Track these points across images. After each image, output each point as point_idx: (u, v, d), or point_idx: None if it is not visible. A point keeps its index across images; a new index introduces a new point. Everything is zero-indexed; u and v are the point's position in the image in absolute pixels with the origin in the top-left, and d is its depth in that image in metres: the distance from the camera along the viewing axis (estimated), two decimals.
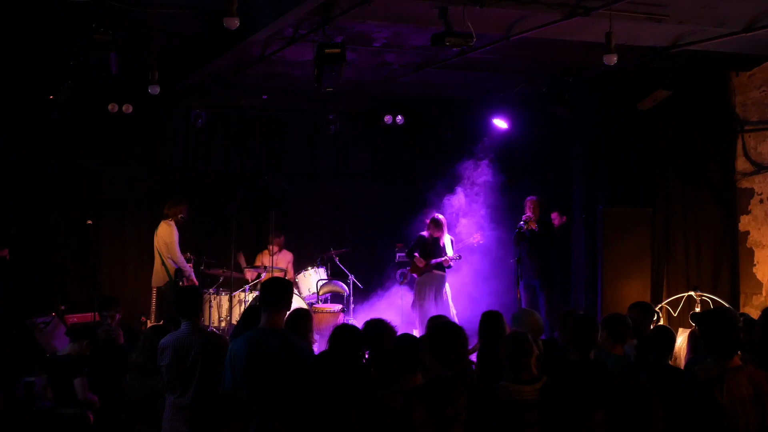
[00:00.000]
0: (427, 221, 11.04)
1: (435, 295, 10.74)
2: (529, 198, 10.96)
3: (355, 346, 5.33)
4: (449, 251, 10.82)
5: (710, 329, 4.49)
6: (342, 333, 5.42)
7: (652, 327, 6.24)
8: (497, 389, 4.67)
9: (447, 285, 10.92)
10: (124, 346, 7.15)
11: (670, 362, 5.60)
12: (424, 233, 10.95)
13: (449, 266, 10.83)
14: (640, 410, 3.67)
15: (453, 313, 10.56)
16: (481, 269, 11.74)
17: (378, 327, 5.51)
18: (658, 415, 3.70)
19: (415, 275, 10.94)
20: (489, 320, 6.17)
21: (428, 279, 10.79)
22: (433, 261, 10.72)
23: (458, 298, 11.10)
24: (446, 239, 10.94)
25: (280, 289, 5.06)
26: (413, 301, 10.92)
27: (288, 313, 5.69)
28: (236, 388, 4.84)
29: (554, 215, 11.14)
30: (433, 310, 10.47)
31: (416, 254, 10.81)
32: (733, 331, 4.42)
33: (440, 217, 10.93)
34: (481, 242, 11.09)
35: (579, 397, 3.95)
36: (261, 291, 5.15)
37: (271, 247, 11.20)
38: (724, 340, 4.41)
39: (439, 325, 5.39)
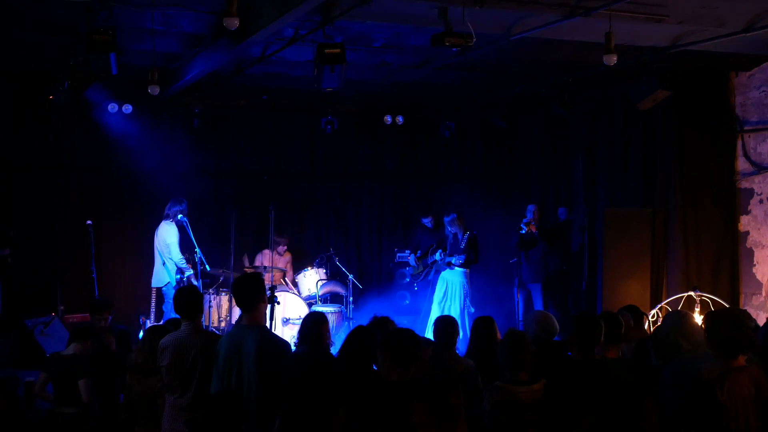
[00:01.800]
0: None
1: (460, 293, 10.75)
2: (530, 203, 10.98)
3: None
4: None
5: (716, 328, 4.47)
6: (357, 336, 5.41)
7: (646, 329, 6.24)
8: (493, 389, 4.66)
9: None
10: (116, 352, 7.14)
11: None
12: (450, 230, 10.78)
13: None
14: (634, 412, 3.66)
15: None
16: (480, 270, 11.73)
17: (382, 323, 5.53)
18: (652, 416, 3.70)
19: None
20: (480, 325, 6.16)
21: (452, 276, 10.79)
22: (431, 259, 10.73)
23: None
24: (461, 236, 10.87)
25: (251, 285, 5.07)
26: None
27: (303, 318, 5.71)
28: (221, 385, 4.87)
29: (562, 210, 11.15)
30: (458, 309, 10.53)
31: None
32: (739, 331, 4.41)
33: (452, 215, 10.83)
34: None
35: (576, 398, 3.95)
36: (232, 291, 5.16)
37: (279, 248, 11.21)
38: (729, 340, 4.39)
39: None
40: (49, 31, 8.06)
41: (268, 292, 9.48)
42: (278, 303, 9.58)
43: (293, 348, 5.94)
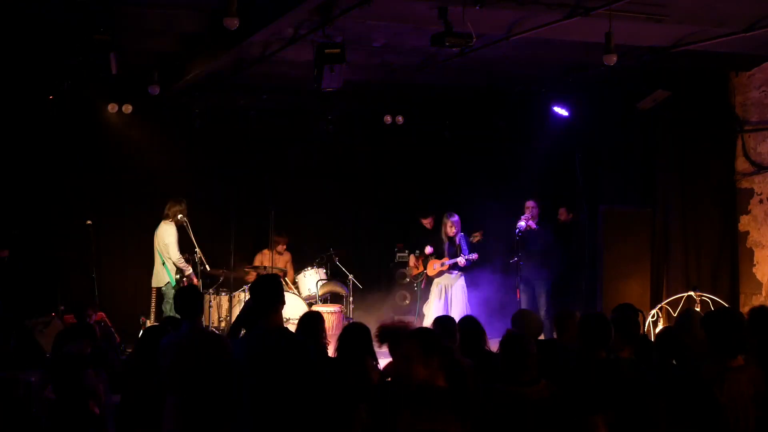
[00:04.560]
0: (429, 217, 10.91)
1: (460, 297, 10.65)
2: (528, 199, 10.96)
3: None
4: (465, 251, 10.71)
5: (714, 328, 4.48)
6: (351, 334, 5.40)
7: (642, 329, 6.24)
8: (495, 391, 4.63)
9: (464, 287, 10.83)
10: (101, 346, 7.17)
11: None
12: (449, 231, 10.72)
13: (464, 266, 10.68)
14: (646, 412, 3.66)
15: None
16: (480, 269, 11.74)
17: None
18: (662, 417, 3.70)
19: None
20: (466, 324, 6.11)
21: (448, 280, 10.71)
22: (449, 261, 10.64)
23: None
24: (459, 238, 10.80)
25: (272, 286, 5.00)
26: (428, 302, 10.78)
27: (299, 317, 5.70)
28: (240, 391, 4.84)
29: (562, 210, 11.14)
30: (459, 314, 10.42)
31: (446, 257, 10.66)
32: (736, 330, 4.41)
33: (454, 216, 10.77)
34: (481, 240, 11.05)
35: (585, 398, 3.94)
36: (252, 291, 5.09)
37: (279, 247, 11.21)
38: (727, 339, 4.39)
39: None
40: (49, 30, 8.06)
41: None
42: None
43: None
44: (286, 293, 10.60)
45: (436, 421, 3.80)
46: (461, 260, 10.49)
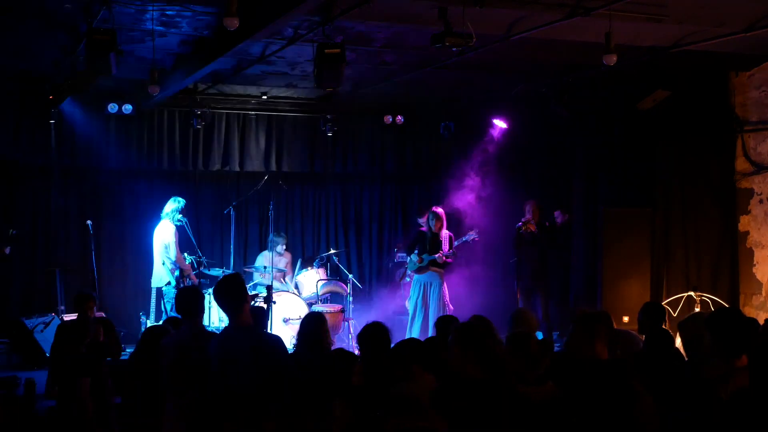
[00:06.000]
0: (425, 215, 10.88)
1: (438, 294, 10.51)
2: (528, 200, 10.95)
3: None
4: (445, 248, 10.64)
5: (719, 328, 4.46)
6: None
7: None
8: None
9: (444, 285, 10.74)
10: (104, 342, 7.17)
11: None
12: (424, 228, 10.78)
13: (444, 263, 10.56)
14: (631, 409, 3.66)
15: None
16: (480, 270, 11.74)
17: (375, 330, 5.47)
18: (649, 413, 3.69)
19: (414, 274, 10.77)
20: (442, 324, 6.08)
21: (429, 278, 10.60)
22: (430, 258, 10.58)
23: (456, 299, 11.04)
24: (444, 235, 10.78)
25: (233, 285, 5.03)
26: (410, 300, 10.74)
27: (302, 319, 5.71)
28: (216, 388, 4.88)
29: (557, 213, 11.13)
30: (435, 311, 10.35)
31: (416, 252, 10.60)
32: (742, 330, 4.40)
33: (440, 210, 10.73)
34: (477, 239, 10.97)
35: (589, 398, 3.94)
36: (215, 294, 5.12)
37: (278, 247, 11.21)
38: (733, 339, 4.38)
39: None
40: (49, 31, 8.06)
41: (265, 292, 9.54)
42: (274, 303, 9.62)
43: (290, 347, 5.94)
44: (285, 293, 10.72)
45: (421, 420, 3.82)
46: (439, 256, 10.39)
